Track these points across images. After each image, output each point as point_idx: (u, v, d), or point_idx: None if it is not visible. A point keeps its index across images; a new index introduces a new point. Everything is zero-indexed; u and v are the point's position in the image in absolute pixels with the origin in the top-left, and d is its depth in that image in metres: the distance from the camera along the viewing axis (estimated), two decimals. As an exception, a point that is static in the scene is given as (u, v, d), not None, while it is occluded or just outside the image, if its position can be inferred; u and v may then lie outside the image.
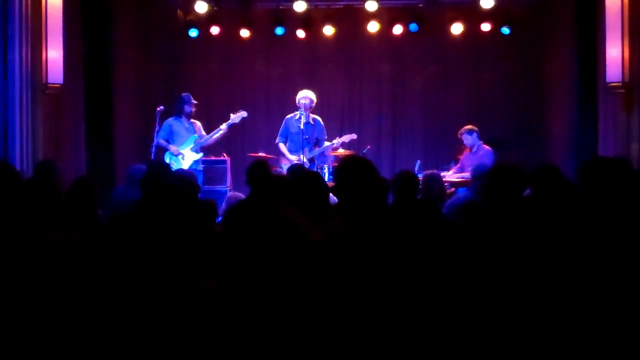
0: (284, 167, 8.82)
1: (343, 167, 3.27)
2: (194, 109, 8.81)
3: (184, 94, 8.86)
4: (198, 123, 8.89)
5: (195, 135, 8.73)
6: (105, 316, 2.07)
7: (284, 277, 2.04)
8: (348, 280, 2.42)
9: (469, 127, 8.98)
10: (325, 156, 9.07)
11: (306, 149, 8.79)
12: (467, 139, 8.94)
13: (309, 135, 8.83)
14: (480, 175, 5.69)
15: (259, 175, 5.25)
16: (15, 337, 2.04)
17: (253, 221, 2.00)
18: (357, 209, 3.03)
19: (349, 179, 3.17)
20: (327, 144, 8.94)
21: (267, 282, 2.03)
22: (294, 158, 8.81)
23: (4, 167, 2.39)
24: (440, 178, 6.40)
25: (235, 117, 8.85)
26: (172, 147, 8.64)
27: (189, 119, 8.80)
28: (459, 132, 9.02)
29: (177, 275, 2.17)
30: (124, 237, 2.33)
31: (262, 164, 5.68)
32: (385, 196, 5.21)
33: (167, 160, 8.55)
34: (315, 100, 8.94)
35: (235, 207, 2.09)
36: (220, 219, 5.65)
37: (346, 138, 9.02)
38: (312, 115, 8.94)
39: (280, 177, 5.14)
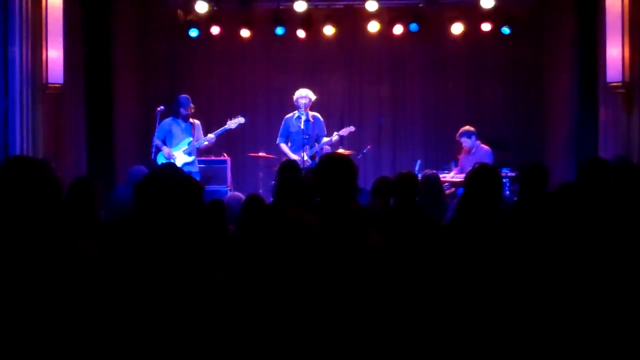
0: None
1: (323, 164, 3.26)
2: (190, 112, 8.64)
3: (181, 96, 8.71)
4: (197, 123, 8.75)
5: (190, 137, 8.65)
6: (117, 316, 2.08)
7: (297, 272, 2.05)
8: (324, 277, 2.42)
9: (467, 128, 8.96)
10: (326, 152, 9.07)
11: (307, 147, 8.79)
12: (467, 142, 8.93)
13: (309, 134, 8.83)
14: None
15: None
16: (22, 336, 2.04)
17: (267, 221, 2.02)
18: (337, 206, 3.02)
19: (329, 176, 3.16)
20: (326, 139, 8.93)
21: (283, 277, 2.04)
22: (296, 157, 8.81)
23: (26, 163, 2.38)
24: (438, 178, 6.40)
25: (232, 123, 8.78)
26: (165, 149, 8.55)
27: (186, 121, 8.69)
28: (457, 134, 9.01)
29: (187, 274, 2.17)
30: (128, 237, 2.33)
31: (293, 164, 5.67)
32: (388, 196, 5.20)
33: (160, 162, 8.47)
34: (313, 98, 8.93)
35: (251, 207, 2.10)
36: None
37: (344, 131, 9.01)
38: (311, 113, 8.94)
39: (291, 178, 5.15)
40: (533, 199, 4.06)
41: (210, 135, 8.67)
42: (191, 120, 8.72)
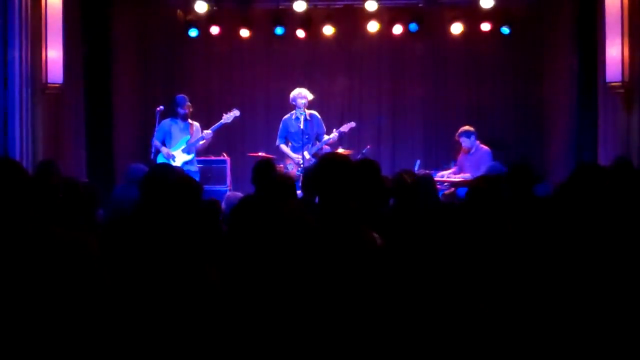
0: (290, 167, 8.85)
1: (322, 164, 3.26)
2: (187, 111, 8.66)
3: (178, 96, 8.75)
4: (196, 124, 8.77)
5: (188, 136, 8.67)
6: (111, 314, 2.08)
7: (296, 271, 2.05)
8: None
9: (466, 128, 8.95)
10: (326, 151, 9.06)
11: (308, 146, 8.80)
12: (465, 142, 8.92)
13: (309, 133, 8.84)
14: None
15: (264, 174, 5.28)
16: (21, 335, 2.04)
17: (264, 220, 2.02)
18: (336, 206, 3.02)
19: (328, 176, 3.15)
20: (327, 137, 8.94)
21: (279, 277, 2.04)
22: (297, 157, 8.82)
23: (9, 164, 2.38)
24: (432, 179, 6.40)
25: (227, 117, 8.82)
26: (164, 150, 8.58)
27: (184, 120, 8.69)
28: (456, 134, 9.01)
29: (182, 273, 2.17)
30: (127, 236, 2.33)
31: (268, 163, 5.72)
32: (388, 196, 5.20)
33: (159, 162, 8.48)
34: (310, 97, 8.93)
35: (242, 206, 2.11)
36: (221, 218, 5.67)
37: (345, 127, 9.01)
38: (308, 112, 8.95)
39: (285, 176, 5.18)
40: (518, 199, 4.05)
41: (207, 131, 8.68)
42: (190, 121, 8.74)
